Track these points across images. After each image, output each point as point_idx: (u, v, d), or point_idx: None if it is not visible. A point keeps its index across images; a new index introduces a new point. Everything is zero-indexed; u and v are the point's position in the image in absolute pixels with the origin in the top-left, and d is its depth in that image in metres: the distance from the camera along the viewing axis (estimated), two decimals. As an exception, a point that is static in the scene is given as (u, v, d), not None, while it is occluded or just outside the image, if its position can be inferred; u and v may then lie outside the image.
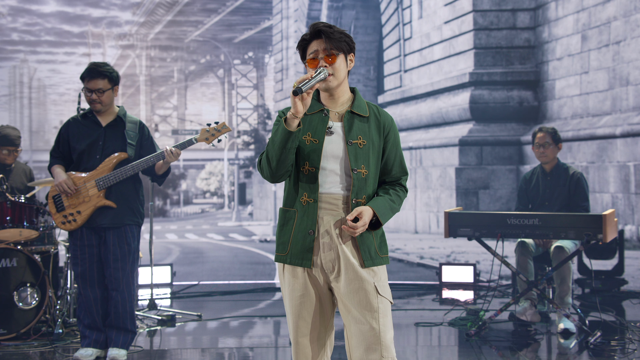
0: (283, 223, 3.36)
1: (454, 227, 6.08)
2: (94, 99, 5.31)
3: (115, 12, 20.86)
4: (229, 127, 5.39)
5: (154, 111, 24.99)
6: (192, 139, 5.37)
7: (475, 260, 9.64)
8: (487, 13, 12.11)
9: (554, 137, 6.64)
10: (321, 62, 3.28)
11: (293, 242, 3.30)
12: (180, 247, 15.70)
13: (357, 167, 3.27)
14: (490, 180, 11.98)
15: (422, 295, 8.11)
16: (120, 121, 5.43)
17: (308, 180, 3.28)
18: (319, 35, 3.30)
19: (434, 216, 13.09)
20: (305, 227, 3.28)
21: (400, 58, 15.03)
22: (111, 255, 5.32)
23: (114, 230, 5.33)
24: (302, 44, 3.36)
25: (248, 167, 24.83)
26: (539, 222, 5.87)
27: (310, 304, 3.33)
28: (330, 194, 3.27)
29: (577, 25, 10.91)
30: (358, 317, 3.25)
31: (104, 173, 5.29)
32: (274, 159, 3.22)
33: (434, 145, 13.10)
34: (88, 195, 5.28)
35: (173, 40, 23.41)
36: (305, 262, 3.28)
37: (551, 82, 11.53)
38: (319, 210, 3.27)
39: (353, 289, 3.25)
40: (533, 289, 6.19)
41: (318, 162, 3.27)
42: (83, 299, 5.39)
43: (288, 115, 3.17)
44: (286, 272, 3.36)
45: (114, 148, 5.36)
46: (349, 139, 3.29)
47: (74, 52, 20.74)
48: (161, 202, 26.25)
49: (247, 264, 11.99)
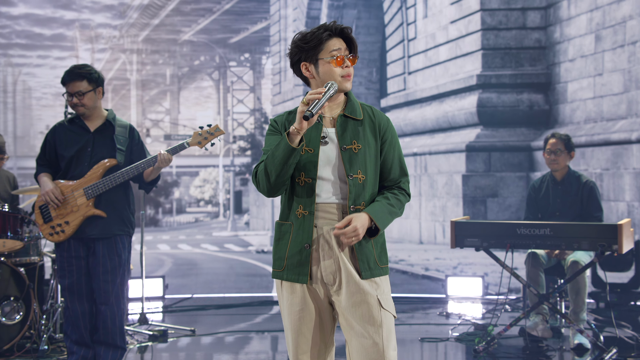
0: (279, 237, 3.35)
1: (461, 237, 6.07)
2: (75, 102, 5.30)
3: (88, 14, 20.94)
4: (222, 130, 5.38)
5: (145, 115, 24.98)
6: (184, 143, 5.36)
7: (483, 272, 9.63)
8: (496, 12, 12.12)
9: (567, 144, 6.64)
10: (347, 61, 3.30)
11: (289, 257, 3.30)
12: (172, 258, 15.68)
13: (352, 172, 3.26)
14: (499, 188, 11.96)
15: (428, 309, 8.10)
16: (109, 125, 5.42)
17: (304, 192, 3.27)
18: (342, 34, 3.31)
19: (439, 226, 13.07)
20: (300, 241, 3.27)
21: (404, 59, 15.03)
22: (100, 267, 5.31)
23: (104, 240, 5.32)
24: (315, 40, 3.32)
25: (244, 174, 24.81)
26: (551, 232, 5.87)
27: (310, 319, 3.32)
28: (327, 204, 3.27)
29: (590, 25, 10.91)
30: (360, 331, 3.24)
31: (92, 181, 5.27)
32: (273, 174, 3.21)
33: (439, 151, 13.09)
34: (76, 204, 5.27)
35: (165, 41, 23.43)
36: (302, 278, 3.27)
37: (563, 84, 11.53)
38: (317, 220, 3.27)
39: (355, 302, 3.24)
40: (545, 302, 6.17)
41: (314, 173, 3.26)
42: (70, 313, 5.38)
43: (291, 130, 3.16)
44: (284, 288, 3.35)
45: (103, 154, 5.34)
46: (342, 144, 3.28)
47: (48, 55, 20.77)
48: (153, 211, 26.23)
49: (243, 276, 11.98)
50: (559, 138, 6.65)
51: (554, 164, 6.66)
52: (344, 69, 3.30)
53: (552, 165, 6.68)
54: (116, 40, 22.53)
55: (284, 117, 3.42)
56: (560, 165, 6.65)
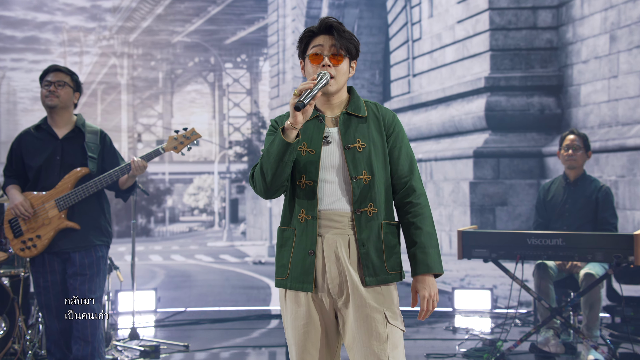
0: (281, 244, 3.34)
1: (468, 248, 6.07)
2: (52, 90, 5.25)
3: (60, 17, 21.03)
4: (198, 134, 5.36)
5: (136, 120, 24.99)
6: (159, 149, 5.32)
7: (492, 284, 9.62)
8: (505, 11, 12.13)
9: (585, 142, 6.64)
10: (325, 59, 3.28)
11: (292, 265, 3.28)
12: (165, 269, 15.67)
13: (356, 174, 3.25)
14: (508, 196, 11.96)
15: (433, 324, 8.08)
16: (79, 132, 5.37)
17: (305, 196, 3.26)
18: (329, 30, 3.29)
19: (446, 235, 13.06)
20: (304, 247, 3.25)
21: (408, 61, 15.05)
22: (78, 278, 5.22)
23: (80, 252, 5.25)
24: (306, 37, 3.34)
25: (241, 182, 24.80)
26: (563, 243, 5.86)
27: (316, 333, 3.29)
28: (332, 210, 3.25)
29: (605, 25, 10.92)
30: (365, 348, 3.23)
31: (64, 191, 5.22)
32: (269, 173, 3.20)
33: (445, 157, 13.09)
34: (48, 217, 5.21)
35: (158, 41, 23.44)
36: (307, 286, 3.25)
37: (576, 87, 11.53)
38: (320, 228, 3.25)
39: (360, 316, 3.22)
40: (556, 316, 6.16)
41: (316, 175, 3.25)
42: (50, 331, 5.34)
43: (286, 125, 3.15)
44: (288, 299, 3.33)
45: (74, 162, 5.29)
46: (345, 143, 3.27)
47: (22, 58, 20.84)
48: (144, 220, 26.22)
49: (239, 289, 11.97)
50: (577, 134, 6.64)
51: (571, 160, 6.61)
52: (321, 68, 3.28)
53: (569, 162, 6.63)
54: (106, 41, 22.56)
55: (285, 117, 3.42)
56: (578, 163, 6.62)
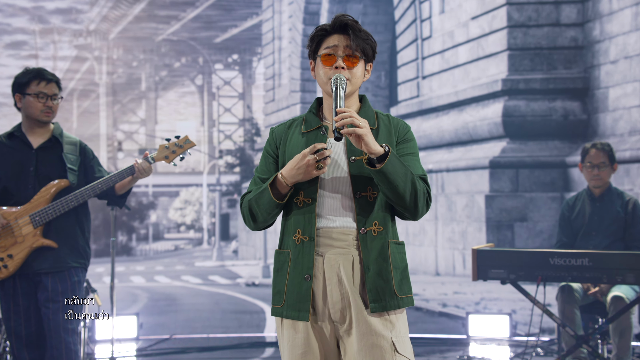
0: (278, 268, 3.33)
1: (484, 268, 6.05)
2: (49, 106, 5.24)
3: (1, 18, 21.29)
4: (193, 142, 5.34)
5: (116, 126, 25.02)
6: (149, 158, 5.29)
7: (511, 309, 9.61)
8: (524, 7, 12.14)
9: (610, 155, 6.60)
10: (339, 61, 3.27)
11: (288, 291, 3.27)
12: (148, 292, 15.66)
13: (360, 190, 3.23)
14: (529, 211, 11.95)
15: (446, 352, 8.07)
16: (56, 142, 5.33)
17: (303, 214, 3.25)
18: (344, 29, 3.29)
19: (459, 254, 13.05)
20: (300, 271, 3.24)
21: (417, 62, 15.07)
22: (51, 305, 5.18)
23: (54, 275, 5.20)
24: (318, 36, 3.33)
25: (232, 195, 24.81)
26: (590, 263, 5.83)
27: (315, 364, 3.28)
28: (333, 228, 3.24)
29: (636, 21, 10.93)
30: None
31: (40, 206, 5.17)
32: (260, 218, 3.30)
33: (459, 168, 13.09)
34: (21, 234, 5.16)
35: (140, 39, 23.48)
36: (303, 315, 3.23)
37: (604, 90, 11.54)
38: (319, 247, 3.24)
39: (365, 345, 3.21)
40: (583, 345, 6.14)
41: (315, 192, 3.24)
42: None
43: (286, 175, 3.18)
44: (285, 326, 3.32)
45: (50, 174, 5.24)
46: (351, 155, 3.26)
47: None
48: (125, 238, 26.23)
49: (230, 313, 11.97)
50: (601, 149, 6.60)
51: (596, 180, 6.60)
52: (334, 70, 3.28)
53: (594, 182, 6.62)
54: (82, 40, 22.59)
55: (284, 128, 3.40)
56: (604, 181, 6.61)
